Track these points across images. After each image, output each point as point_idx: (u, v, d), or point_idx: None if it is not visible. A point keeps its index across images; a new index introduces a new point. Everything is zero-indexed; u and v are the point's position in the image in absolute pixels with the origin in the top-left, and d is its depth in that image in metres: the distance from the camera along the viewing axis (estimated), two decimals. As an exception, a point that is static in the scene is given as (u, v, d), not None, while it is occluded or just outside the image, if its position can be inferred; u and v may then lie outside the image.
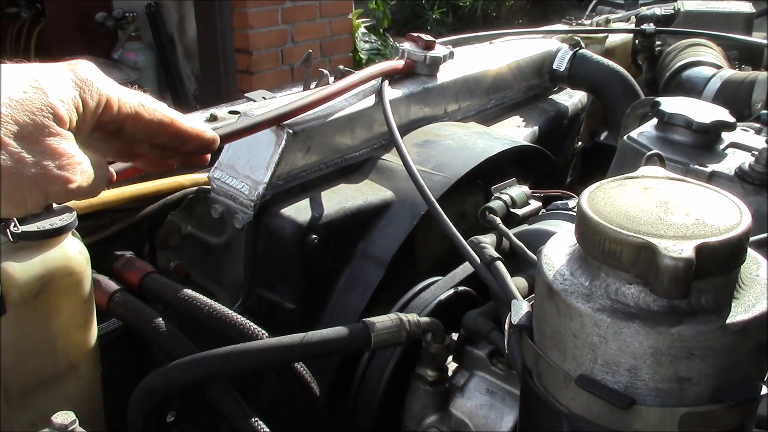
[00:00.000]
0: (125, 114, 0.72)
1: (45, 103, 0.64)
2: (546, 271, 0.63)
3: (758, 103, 1.69)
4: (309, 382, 1.01)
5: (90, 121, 0.69)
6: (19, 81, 0.64)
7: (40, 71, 0.66)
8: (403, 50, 1.44)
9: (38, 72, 0.66)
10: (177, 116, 0.78)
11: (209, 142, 0.82)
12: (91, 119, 0.69)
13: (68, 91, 0.67)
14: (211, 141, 0.82)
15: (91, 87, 0.69)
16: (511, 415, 1.01)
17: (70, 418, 0.71)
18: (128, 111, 0.73)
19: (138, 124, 0.74)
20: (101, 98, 0.70)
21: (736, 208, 0.61)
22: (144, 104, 0.74)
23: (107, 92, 0.70)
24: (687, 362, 0.56)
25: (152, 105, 0.75)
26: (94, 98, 0.69)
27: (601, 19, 2.24)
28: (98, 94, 0.69)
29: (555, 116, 1.78)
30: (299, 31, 5.13)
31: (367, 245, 1.21)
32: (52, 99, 0.64)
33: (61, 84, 0.67)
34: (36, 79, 0.65)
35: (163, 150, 0.81)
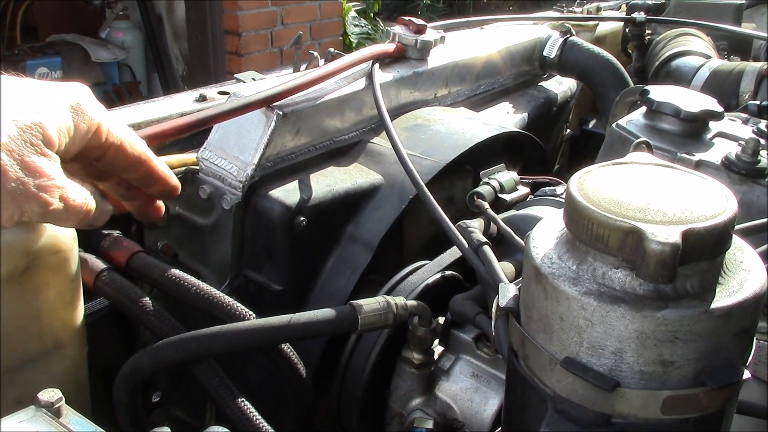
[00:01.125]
0: (111, 143, 0.74)
1: (37, 123, 0.64)
2: (534, 254, 0.63)
3: (746, 94, 1.71)
4: (296, 363, 1.01)
5: (78, 145, 0.70)
6: (17, 96, 0.64)
7: (38, 90, 0.67)
8: (394, 34, 1.44)
9: (35, 90, 0.67)
10: (153, 157, 0.81)
11: (172, 188, 0.85)
12: (79, 143, 0.70)
13: (62, 115, 0.67)
14: (174, 187, 0.85)
15: (84, 112, 0.70)
16: (495, 399, 1.02)
17: (56, 395, 0.71)
18: (114, 141, 0.74)
19: (120, 155, 0.76)
20: (92, 125, 0.71)
21: (723, 196, 0.61)
22: (129, 139, 0.76)
23: (99, 120, 0.71)
24: (671, 346, 0.57)
25: (135, 141, 0.78)
26: (86, 123, 0.70)
27: (592, 6, 2.24)
28: (90, 120, 0.70)
29: (544, 103, 1.79)
30: (289, 13, 5.10)
31: (355, 228, 1.21)
32: (44, 119, 0.65)
33: (58, 105, 0.67)
34: (34, 96, 0.65)
35: (127, 189, 0.82)
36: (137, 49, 5.41)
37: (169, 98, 1.38)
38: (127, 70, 5.40)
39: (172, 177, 0.84)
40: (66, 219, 0.71)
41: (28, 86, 0.67)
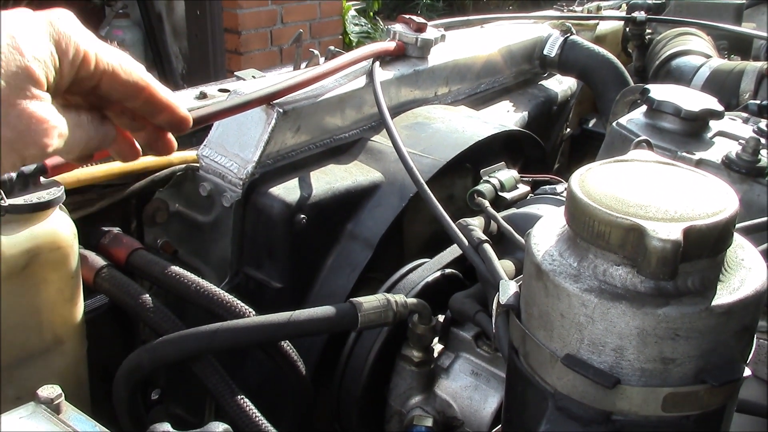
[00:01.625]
0: (102, 70, 0.71)
1: (21, 65, 0.63)
2: (535, 251, 0.63)
3: (746, 93, 1.71)
4: (295, 360, 1.01)
5: (67, 77, 0.68)
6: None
7: (17, 26, 0.64)
8: (395, 32, 1.44)
9: (15, 27, 0.64)
10: (153, 82, 0.77)
11: (181, 119, 0.79)
12: (68, 75, 0.68)
13: (45, 48, 0.65)
14: (183, 118, 0.79)
15: (68, 41, 0.67)
16: (495, 397, 1.02)
17: (56, 391, 0.71)
18: (105, 67, 0.71)
19: (114, 82, 0.72)
20: (78, 53, 0.68)
21: (724, 193, 0.61)
22: (122, 64, 0.73)
23: (85, 47, 0.69)
24: (672, 343, 0.57)
25: (130, 66, 0.74)
26: (70, 53, 0.67)
27: (593, 6, 2.24)
28: (75, 48, 0.67)
29: (544, 102, 1.79)
30: (289, 11, 5.09)
31: (355, 226, 1.21)
32: (28, 59, 0.63)
33: (38, 40, 0.65)
34: (12, 36, 0.63)
35: (133, 119, 0.79)
36: (137, 47, 5.40)
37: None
38: (126, 68, 5.38)
39: (179, 107, 0.79)
40: (67, 153, 0.70)
41: (8, 24, 0.64)
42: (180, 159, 1.20)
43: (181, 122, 0.79)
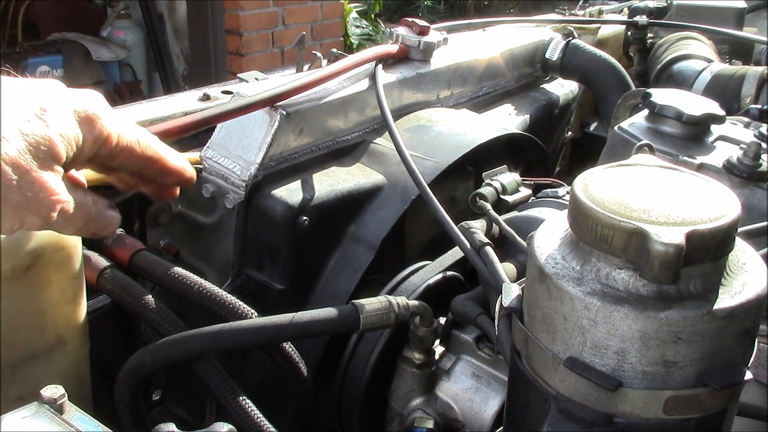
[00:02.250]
0: (121, 149, 0.73)
1: (45, 137, 0.64)
2: (538, 254, 0.63)
3: (747, 98, 1.71)
4: (297, 362, 1.01)
5: (86, 155, 0.70)
6: (25, 106, 0.64)
7: (48, 98, 0.66)
8: (397, 35, 1.44)
9: (46, 99, 0.66)
10: (165, 153, 0.80)
11: (187, 180, 0.85)
12: (88, 153, 0.70)
13: (71, 127, 0.67)
14: (189, 179, 0.85)
15: (94, 123, 0.69)
16: (496, 400, 1.03)
17: (59, 392, 0.71)
18: (124, 146, 0.73)
19: (130, 158, 0.75)
20: (102, 134, 0.70)
21: (726, 198, 0.62)
22: (140, 140, 0.76)
23: (109, 128, 0.71)
24: (674, 346, 0.57)
25: (146, 141, 0.77)
26: (94, 134, 0.69)
27: (594, 9, 2.25)
28: (99, 129, 0.70)
29: (546, 105, 1.79)
30: (290, 13, 5.10)
31: (357, 228, 1.21)
32: (52, 133, 0.65)
33: (66, 116, 0.67)
34: (43, 108, 0.65)
35: (141, 178, 0.82)
36: (138, 48, 5.41)
37: (173, 97, 1.38)
38: (128, 69, 5.40)
39: (187, 168, 0.83)
40: (65, 228, 0.72)
41: (36, 93, 0.66)
42: (183, 160, 1.20)
43: (187, 182, 0.85)
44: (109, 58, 5.17)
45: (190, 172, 0.84)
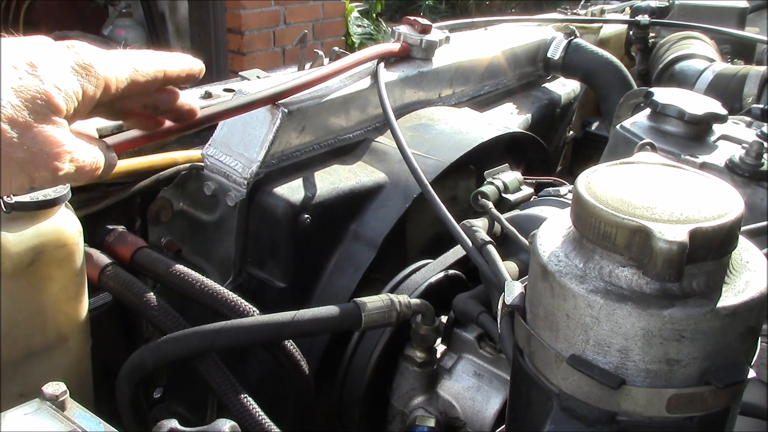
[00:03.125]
0: (123, 89, 0.72)
1: (40, 91, 0.63)
2: (541, 252, 0.63)
3: (749, 97, 1.71)
4: (298, 360, 1.01)
5: (88, 106, 0.69)
6: (15, 63, 0.63)
7: (38, 54, 0.65)
8: (400, 33, 1.44)
9: (36, 55, 0.65)
10: (166, 63, 0.78)
11: (197, 73, 0.84)
12: (89, 104, 0.69)
13: (66, 79, 0.66)
14: (198, 72, 0.85)
15: (89, 72, 0.68)
16: (497, 398, 1.03)
17: (60, 388, 0.71)
18: (125, 85, 0.72)
19: (133, 89, 0.74)
20: (99, 83, 0.69)
21: (730, 196, 0.62)
22: (137, 68, 0.74)
23: (105, 74, 0.70)
24: (677, 344, 0.57)
25: (144, 65, 0.75)
26: (92, 83, 0.68)
27: (596, 9, 2.25)
28: (96, 78, 0.69)
29: (548, 104, 1.79)
30: (292, 12, 5.10)
31: (359, 226, 1.21)
32: (47, 86, 0.64)
33: (59, 70, 0.66)
34: (33, 64, 0.64)
35: (156, 109, 0.81)
36: (140, 46, 5.37)
37: (174, 95, 1.38)
38: (129, 67, 5.39)
39: (192, 64, 0.83)
40: (76, 179, 0.70)
41: (24, 49, 0.65)
42: (185, 158, 1.20)
43: (197, 75, 0.84)
44: (110, 56, 5.17)
45: (197, 66, 0.83)
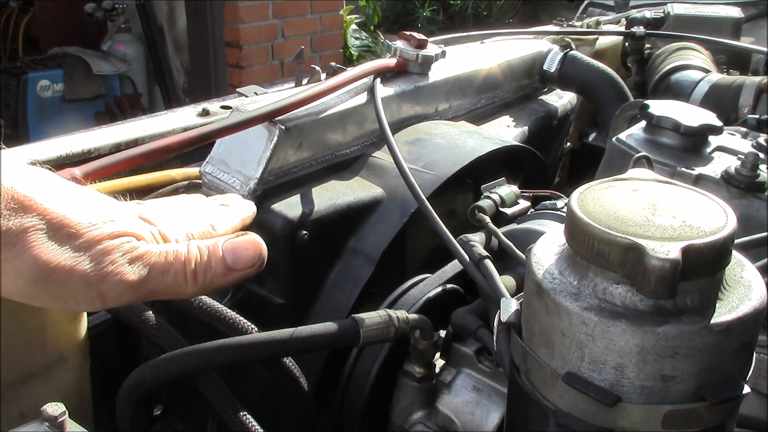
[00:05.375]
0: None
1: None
2: (535, 269, 0.64)
3: (745, 108, 1.71)
4: (297, 376, 1.01)
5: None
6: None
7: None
8: (396, 48, 1.45)
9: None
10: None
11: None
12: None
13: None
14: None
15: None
16: (497, 412, 1.03)
17: (59, 409, 0.71)
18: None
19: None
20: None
21: (722, 211, 0.62)
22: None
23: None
24: (672, 361, 0.57)
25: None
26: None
27: (592, 21, 2.26)
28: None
29: (544, 117, 1.80)
30: (290, 26, 5.13)
31: (357, 242, 1.22)
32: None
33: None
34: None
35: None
36: (139, 61, 5.44)
37: (172, 112, 1.39)
38: (128, 82, 5.42)
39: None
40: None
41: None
42: (182, 175, 1.21)
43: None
44: (109, 71, 5.20)
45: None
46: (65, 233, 0.62)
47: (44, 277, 0.61)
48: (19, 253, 0.60)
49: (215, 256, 0.69)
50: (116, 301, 0.65)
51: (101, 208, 0.66)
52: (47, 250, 0.61)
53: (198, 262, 0.67)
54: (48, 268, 0.61)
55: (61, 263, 0.61)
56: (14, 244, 0.59)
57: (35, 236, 0.60)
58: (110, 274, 0.63)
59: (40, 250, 0.60)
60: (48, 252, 0.61)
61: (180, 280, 0.67)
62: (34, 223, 0.60)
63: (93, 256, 0.62)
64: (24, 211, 0.60)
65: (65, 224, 0.62)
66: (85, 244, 0.62)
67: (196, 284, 0.67)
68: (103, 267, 0.62)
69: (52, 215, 0.61)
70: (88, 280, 0.62)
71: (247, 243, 0.71)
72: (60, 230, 0.61)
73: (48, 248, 0.61)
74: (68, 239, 0.62)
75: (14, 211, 0.59)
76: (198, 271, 0.67)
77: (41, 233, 0.60)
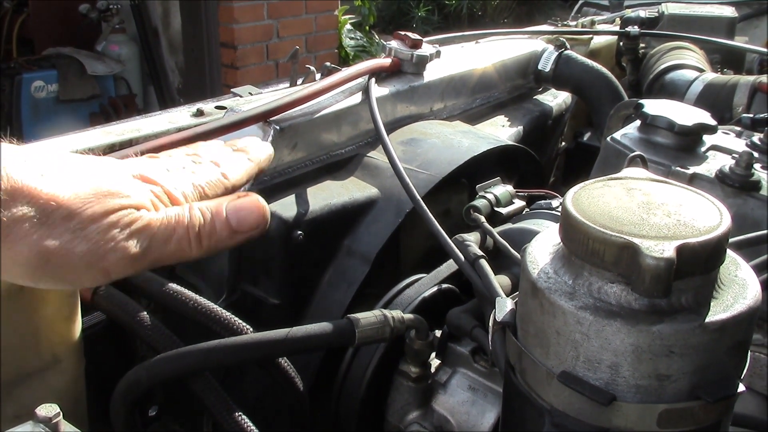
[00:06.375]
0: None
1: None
2: (530, 269, 0.64)
3: (739, 107, 1.72)
4: (293, 377, 1.01)
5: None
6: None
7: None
8: (390, 48, 1.45)
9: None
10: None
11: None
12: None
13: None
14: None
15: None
16: (492, 412, 1.03)
17: (54, 410, 0.71)
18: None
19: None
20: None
21: (717, 210, 0.62)
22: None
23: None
24: (667, 360, 0.57)
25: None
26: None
27: (587, 20, 2.26)
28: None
29: (539, 116, 1.80)
30: (285, 26, 5.12)
31: (352, 242, 1.22)
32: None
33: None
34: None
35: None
36: (133, 62, 5.43)
37: (167, 113, 1.39)
38: (123, 83, 5.41)
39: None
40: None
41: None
42: (177, 176, 1.20)
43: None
44: (104, 72, 5.19)
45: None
46: (59, 215, 0.60)
47: (42, 263, 0.60)
48: (13, 242, 0.59)
49: (219, 219, 0.68)
50: (120, 275, 0.64)
51: (96, 180, 0.63)
52: (41, 236, 0.60)
53: (202, 226, 0.67)
54: (45, 254, 0.60)
55: (57, 247, 0.60)
56: (6, 235, 0.59)
57: (28, 224, 0.59)
58: (111, 251, 0.62)
59: (35, 238, 0.59)
60: (42, 238, 0.60)
61: (184, 246, 0.66)
62: (24, 211, 0.59)
63: (90, 235, 0.61)
64: (15, 199, 0.59)
65: (58, 205, 0.60)
66: (80, 225, 0.61)
67: (201, 248, 0.67)
68: (102, 245, 0.61)
69: (43, 198, 0.60)
70: (88, 260, 0.61)
71: (251, 205, 0.71)
72: (53, 213, 0.60)
73: (42, 234, 0.60)
74: (63, 221, 0.60)
75: (5, 202, 0.58)
76: (202, 234, 0.67)
77: (34, 220, 0.59)
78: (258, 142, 0.80)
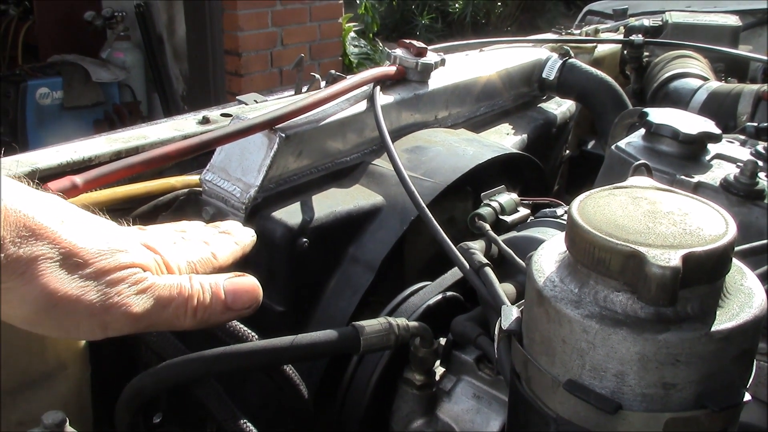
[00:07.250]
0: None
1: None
2: (536, 277, 0.64)
3: (743, 115, 1.72)
4: (297, 384, 1.01)
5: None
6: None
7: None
8: (395, 56, 1.45)
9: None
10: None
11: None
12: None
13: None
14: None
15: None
16: (497, 420, 1.02)
17: (59, 417, 0.71)
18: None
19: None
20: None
21: (722, 219, 0.62)
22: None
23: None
24: (672, 368, 0.57)
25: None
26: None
27: (591, 29, 2.26)
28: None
29: (544, 124, 1.80)
30: (289, 33, 5.14)
31: (357, 249, 1.22)
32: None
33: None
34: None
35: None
36: (138, 69, 5.45)
37: (173, 120, 1.39)
38: (127, 89, 5.43)
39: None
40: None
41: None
42: (183, 183, 1.21)
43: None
44: (108, 79, 5.20)
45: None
46: (74, 262, 0.62)
47: (50, 306, 0.61)
48: (28, 281, 0.60)
49: (217, 296, 0.72)
50: (117, 332, 0.66)
51: (110, 236, 0.66)
52: (55, 279, 0.61)
53: (200, 299, 0.70)
54: (55, 297, 0.61)
55: (68, 293, 0.61)
56: (23, 272, 0.59)
57: (45, 265, 0.60)
58: (115, 305, 0.63)
59: (49, 279, 0.60)
60: (56, 281, 0.61)
61: (179, 314, 0.69)
62: (44, 251, 0.60)
63: (100, 287, 0.63)
64: (36, 239, 0.60)
65: (74, 253, 0.62)
66: (93, 274, 0.62)
67: (194, 319, 0.70)
68: (109, 298, 0.63)
69: (62, 243, 0.61)
70: (92, 311, 0.62)
71: (248, 286, 0.75)
72: (69, 259, 0.61)
73: (56, 277, 0.61)
74: (77, 268, 0.62)
75: (25, 238, 0.59)
76: (198, 307, 0.70)
77: (51, 261, 0.60)
78: (240, 226, 0.83)
